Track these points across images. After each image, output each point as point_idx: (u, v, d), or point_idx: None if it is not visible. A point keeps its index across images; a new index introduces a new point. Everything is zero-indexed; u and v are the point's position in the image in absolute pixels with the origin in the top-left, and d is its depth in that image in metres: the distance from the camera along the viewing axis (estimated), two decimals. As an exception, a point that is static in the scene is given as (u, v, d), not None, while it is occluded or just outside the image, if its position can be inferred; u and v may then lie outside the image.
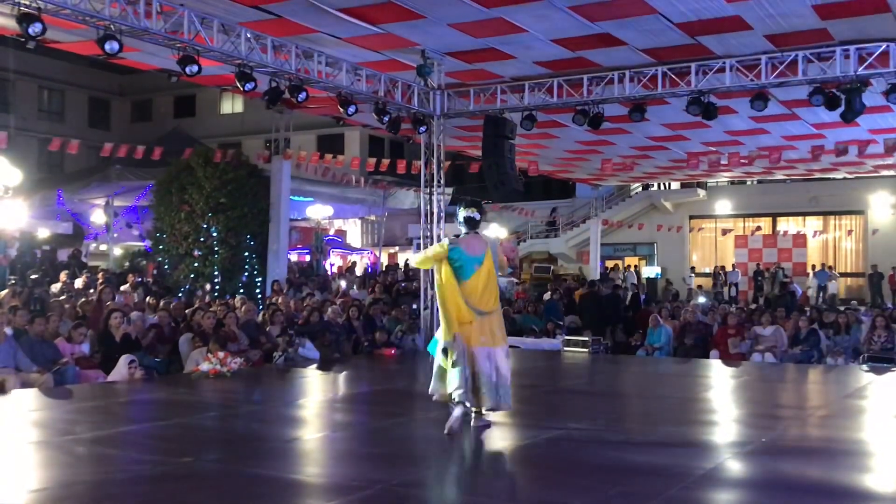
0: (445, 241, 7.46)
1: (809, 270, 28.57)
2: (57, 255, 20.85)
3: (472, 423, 7.31)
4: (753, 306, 20.86)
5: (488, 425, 7.34)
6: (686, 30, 12.00)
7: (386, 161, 19.95)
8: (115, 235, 22.63)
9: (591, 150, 20.12)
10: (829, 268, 28.55)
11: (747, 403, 9.92)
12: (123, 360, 10.33)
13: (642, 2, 10.91)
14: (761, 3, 10.93)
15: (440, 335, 7.30)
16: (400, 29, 12.27)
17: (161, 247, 18.57)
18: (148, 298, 14.63)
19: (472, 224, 7.44)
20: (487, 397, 7.17)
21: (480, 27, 12.07)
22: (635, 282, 27.90)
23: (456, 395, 6.99)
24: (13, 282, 16.01)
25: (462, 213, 7.47)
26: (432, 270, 7.67)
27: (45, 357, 9.86)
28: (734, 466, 6.24)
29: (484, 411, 7.36)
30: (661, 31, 12.06)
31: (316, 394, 10.45)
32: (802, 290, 26.49)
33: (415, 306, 16.44)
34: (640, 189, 34.08)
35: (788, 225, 32.68)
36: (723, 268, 29.88)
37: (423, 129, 15.45)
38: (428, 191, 16.07)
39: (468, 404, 7.12)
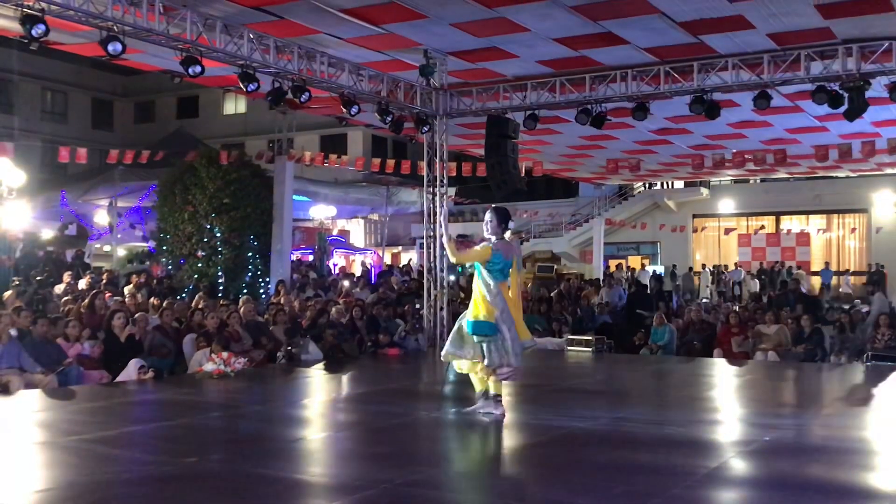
0: (489, 245, 7.66)
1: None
2: (66, 256, 20.88)
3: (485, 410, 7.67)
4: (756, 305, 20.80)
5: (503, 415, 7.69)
6: (688, 29, 12.00)
7: (391, 161, 19.97)
8: (119, 236, 22.68)
9: (594, 144, 20.13)
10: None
11: (751, 402, 9.91)
12: (133, 364, 10.35)
13: (644, 1, 10.91)
14: (764, 3, 10.94)
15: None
16: (402, 29, 12.27)
17: (164, 247, 18.60)
18: (152, 299, 14.65)
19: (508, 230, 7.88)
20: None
21: (483, 27, 12.07)
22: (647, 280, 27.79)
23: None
24: (17, 283, 16.04)
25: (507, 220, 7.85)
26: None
27: (49, 358, 9.86)
28: (738, 465, 6.24)
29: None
30: (663, 30, 12.06)
31: (320, 394, 10.46)
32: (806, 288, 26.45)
33: (418, 306, 16.44)
34: (643, 188, 34.07)
35: (792, 223, 32.66)
36: (717, 266, 29.88)
37: (425, 128, 15.46)
38: (431, 190, 16.08)
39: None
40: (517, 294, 7.72)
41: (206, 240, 17.83)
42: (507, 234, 7.83)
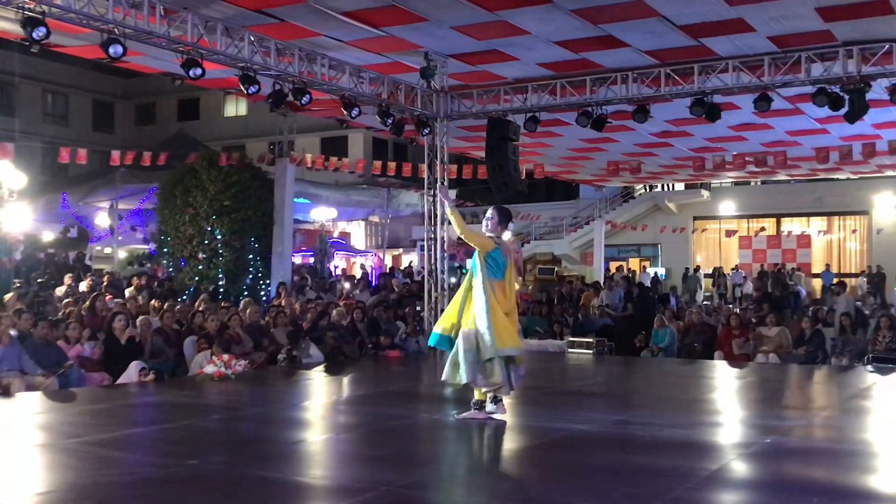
0: (490, 239, 7.57)
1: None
2: (67, 258, 20.89)
3: (488, 414, 7.60)
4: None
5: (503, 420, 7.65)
6: (689, 32, 12.01)
7: (392, 164, 19.98)
8: (120, 238, 22.70)
9: (594, 147, 20.16)
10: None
11: (752, 404, 9.91)
12: (134, 366, 10.35)
13: (645, 5, 10.93)
14: (764, 6, 10.95)
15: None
16: (403, 32, 12.29)
17: (165, 250, 18.61)
18: (153, 301, 14.65)
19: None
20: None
21: (483, 29, 12.09)
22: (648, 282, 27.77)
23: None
24: (18, 285, 16.04)
25: (509, 221, 7.74)
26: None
27: (49, 360, 9.87)
28: (739, 467, 6.23)
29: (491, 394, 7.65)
30: (663, 33, 12.08)
31: (320, 396, 10.46)
32: (806, 290, 26.45)
33: (418, 308, 16.45)
34: (644, 190, 34.07)
35: (793, 225, 32.65)
36: (717, 269, 29.88)
37: (426, 131, 15.47)
38: (432, 193, 16.09)
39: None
40: (513, 298, 7.62)
41: (206, 242, 17.84)
42: (507, 235, 7.79)
